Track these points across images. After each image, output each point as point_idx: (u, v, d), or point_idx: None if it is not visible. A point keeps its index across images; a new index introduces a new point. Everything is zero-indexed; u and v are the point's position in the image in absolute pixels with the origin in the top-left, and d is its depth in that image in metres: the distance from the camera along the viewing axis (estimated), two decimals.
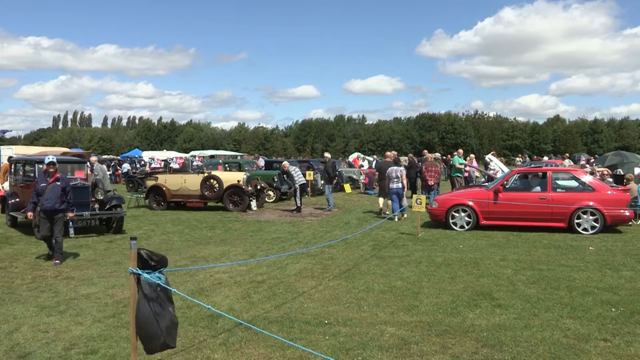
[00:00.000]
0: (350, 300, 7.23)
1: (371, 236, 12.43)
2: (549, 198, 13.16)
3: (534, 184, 14.07)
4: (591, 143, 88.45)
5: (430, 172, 17.86)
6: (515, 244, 11.52)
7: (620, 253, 10.59)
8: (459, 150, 21.28)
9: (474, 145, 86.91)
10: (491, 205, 13.38)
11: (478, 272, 8.83)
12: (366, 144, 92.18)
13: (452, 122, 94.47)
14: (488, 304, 7.05)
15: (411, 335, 5.85)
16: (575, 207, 12.98)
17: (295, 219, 15.70)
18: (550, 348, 5.50)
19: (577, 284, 8.11)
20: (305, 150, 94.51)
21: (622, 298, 7.33)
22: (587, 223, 12.94)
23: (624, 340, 5.73)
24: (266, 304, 7.10)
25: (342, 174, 26.27)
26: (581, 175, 14.13)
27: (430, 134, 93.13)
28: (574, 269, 9.09)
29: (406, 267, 9.19)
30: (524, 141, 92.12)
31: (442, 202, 13.93)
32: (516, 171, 14.90)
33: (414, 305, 6.98)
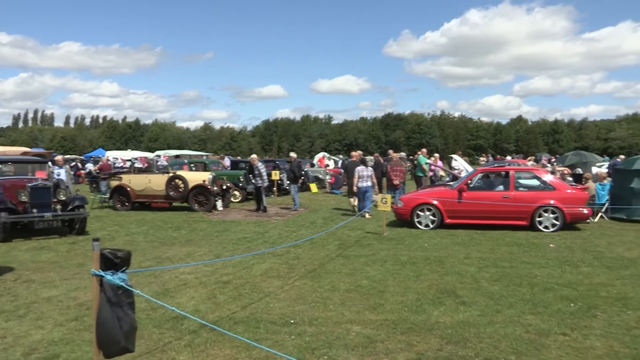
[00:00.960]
0: (316, 299, 7.24)
1: (337, 235, 12.46)
2: (512, 197, 13.40)
3: (497, 183, 14.31)
4: (552, 143, 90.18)
5: (395, 171, 17.99)
6: (479, 242, 11.69)
7: (579, 250, 10.85)
8: (423, 149, 21.46)
9: (439, 145, 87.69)
10: (455, 204, 13.55)
11: (442, 270, 8.93)
12: (332, 144, 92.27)
13: (417, 122, 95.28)
14: (452, 301, 7.15)
15: (377, 334, 5.89)
16: (536, 205, 13.24)
17: (261, 219, 15.65)
18: (513, 343, 5.61)
19: (538, 280, 8.28)
20: (272, 150, 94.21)
21: (580, 293, 7.52)
22: (548, 221, 13.22)
23: (581, 334, 5.89)
24: (232, 304, 7.06)
25: (308, 173, 26.29)
26: (542, 174, 14.42)
27: (396, 133, 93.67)
28: (536, 266, 9.28)
29: (372, 266, 9.24)
30: (488, 141, 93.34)
31: (407, 201, 14.04)
32: (480, 170, 15.12)
33: (379, 303, 7.03)
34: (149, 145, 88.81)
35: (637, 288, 7.85)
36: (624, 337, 5.83)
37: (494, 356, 5.29)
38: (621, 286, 7.96)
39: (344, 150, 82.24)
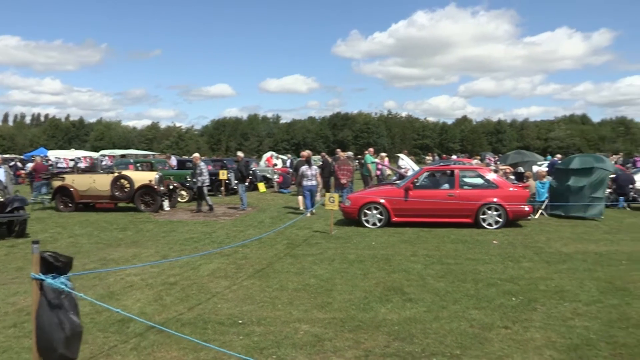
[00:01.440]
0: (264, 299, 7.24)
1: (285, 235, 12.47)
2: (457, 195, 13.70)
3: (443, 182, 14.60)
4: (495, 142, 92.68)
5: (342, 170, 18.11)
6: (425, 240, 11.90)
7: (521, 246, 11.20)
8: (370, 149, 21.68)
9: (387, 144, 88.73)
10: (402, 202, 13.75)
11: (390, 268, 9.06)
12: (280, 143, 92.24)
13: (365, 122, 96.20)
14: (399, 298, 7.26)
15: (325, 332, 5.94)
16: (480, 203, 13.59)
17: (208, 219, 15.50)
18: (457, 338, 5.76)
19: (482, 276, 8.51)
20: (220, 149, 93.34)
21: (521, 288, 7.78)
22: (492, 218, 13.59)
23: (522, 327, 6.11)
24: (179, 305, 6.98)
25: (256, 173, 26.19)
26: (486, 173, 14.80)
27: (343, 133, 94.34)
28: (480, 262, 9.53)
29: (320, 265, 9.30)
30: (434, 140, 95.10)
31: (354, 200, 14.17)
32: (425, 169, 15.39)
33: (327, 302, 7.09)
34: (95, 145, 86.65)
35: (573, 281, 8.18)
36: (560, 328, 6.09)
37: (439, 351, 5.42)
38: (559, 280, 8.28)
39: (292, 149, 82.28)
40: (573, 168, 16.40)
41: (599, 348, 5.50)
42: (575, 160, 17.09)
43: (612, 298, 7.30)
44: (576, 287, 7.84)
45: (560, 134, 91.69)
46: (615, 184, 18.45)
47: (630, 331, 6.01)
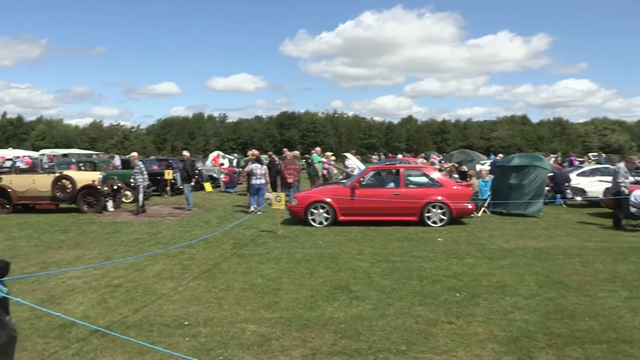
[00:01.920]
0: (211, 300, 7.20)
1: (232, 235, 12.40)
2: (402, 193, 13.91)
3: (388, 181, 14.80)
4: (440, 142, 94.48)
5: (289, 170, 18.12)
6: (371, 238, 12.04)
7: (464, 243, 11.48)
8: (317, 148, 21.77)
9: (333, 143, 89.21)
10: (348, 201, 13.87)
11: (336, 267, 9.14)
12: (227, 142, 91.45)
13: (312, 121, 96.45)
14: (346, 296, 7.34)
15: (272, 332, 5.95)
16: (425, 201, 13.84)
17: (154, 220, 15.25)
18: (403, 334, 5.87)
19: (427, 273, 8.68)
20: (165, 149, 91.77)
21: (465, 284, 7.98)
22: (436, 216, 13.86)
23: (465, 321, 6.29)
24: (123, 308, 6.86)
25: (202, 172, 25.90)
26: (430, 172, 15.09)
27: (290, 132, 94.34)
28: (425, 260, 9.72)
29: (266, 265, 9.30)
30: (380, 140, 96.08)
31: (301, 199, 14.21)
32: (371, 168, 15.56)
33: (274, 301, 7.10)
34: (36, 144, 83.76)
35: (514, 276, 8.45)
36: (501, 321, 6.29)
37: (386, 347, 5.51)
38: (500, 275, 8.53)
39: (239, 149, 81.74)
40: (513, 167, 16.90)
41: (536, 339, 5.72)
42: (516, 159, 17.61)
43: (550, 291, 7.59)
44: (516, 282, 8.10)
45: (502, 133, 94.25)
46: (552, 182, 19.12)
47: (565, 322, 6.28)
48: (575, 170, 22.60)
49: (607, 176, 18.18)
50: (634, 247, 11.08)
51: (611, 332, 5.97)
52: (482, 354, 5.35)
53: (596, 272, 8.77)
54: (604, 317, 6.48)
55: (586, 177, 20.76)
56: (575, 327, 6.13)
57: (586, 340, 5.71)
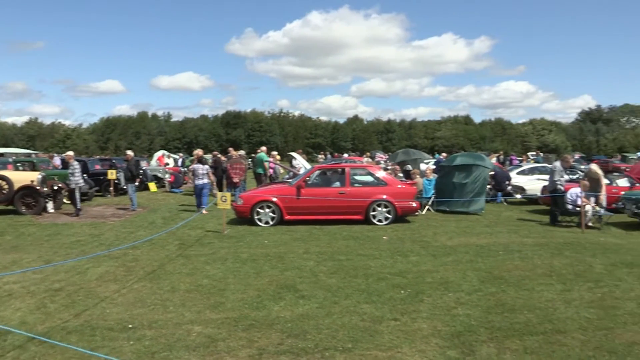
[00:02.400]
0: (156, 301, 7.09)
1: (177, 235, 12.24)
2: (348, 192, 14.02)
3: (334, 180, 14.89)
4: (385, 141, 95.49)
5: (235, 169, 18.02)
6: (317, 237, 12.10)
7: (409, 241, 11.67)
8: (263, 147, 21.70)
9: (279, 143, 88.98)
10: (294, 200, 13.89)
11: (282, 266, 9.14)
12: (172, 142, 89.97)
13: (258, 120, 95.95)
14: (292, 295, 7.36)
15: (218, 333, 5.91)
16: (370, 200, 14.00)
17: (96, 221, 14.88)
18: (349, 332, 5.92)
19: (372, 271, 8.79)
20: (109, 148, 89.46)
21: (409, 281, 8.12)
22: (382, 215, 14.04)
23: (410, 318, 6.40)
24: (64, 313, 6.67)
25: (147, 172, 25.45)
26: (376, 171, 15.27)
27: (236, 131, 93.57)
28: (370, 258, 9.83)
29: (212, 265, 9.22)
30: (326, 139, 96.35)
31: (246, 199, 14.14)
32: (317, 168, 15.63)
33: (220, 302, 7.05)
34: None
35: (456, 272, 8.65)
36: (445, 317, 6.43)
37: (332, 345, 5.55)
38: (444, 272, 8.72)
39: (184, 148, 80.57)
40: (457, 166, 17.28)
41: (478, 333, 5.88)
42: (459, 158, 18.01)
43: (491, 286, 7.81)
44: (459, 278, 8.29)
45: (446, 133, 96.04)
46: (494, 181, 19.64)
47: (505, 316, 6.48)
48: (515, 169, 23.28)
49: (545, 175, 18.81)
50: (569, 242, 11.52)
51: (547, 324, 6.21)
52: (427, 349, 5.46)
53: (534, 267, 9.08)
54: (541, 310, 6.73)
55: (525, 175, 21.44)
56: (515, 320, 6.33)
57: (525, 333, 5.92)
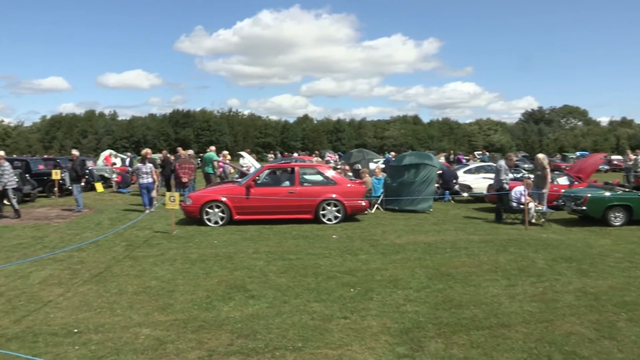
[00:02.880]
0: (102, 304, 6.94)
1: (124, 236, 12.00)
2: (297, 192, 14.04)
3: (284, 179, 14.90)
4: (335, 141, 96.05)
5: (184, 169, 17.80)
6: (267, 237, 12.07)
7: (358, 239, 11.77)
8: (211, 147, 21.50)
9: (229, 142, 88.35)
10: (244, 200, 13.82)
11: (232, 266, 9.09)
12: (119, 141, 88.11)
13: (207, 120, 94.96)
14: (242, 295, 7.33)
15: (167, 335, 5.84)
16: (320, 199, 14.05)
17: (40, 222, 14.43)
18: (299, 331, 5.95)
19: (322, 270, 8.83)
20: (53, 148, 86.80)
21: (359, 279, 8.20)
22: (331, 213, 14.12)
23: (359, 316, 6.47)
24: (4, 319, 6.45)
25: (93, 172, 24.86)
26: (325, 170, 15.33)
27: (185, 131, 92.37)
28: (320, 257, 9.87)
29: (161, 266, 9.09)
30: (276, 139, 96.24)
31: (195, 198, 13.99)
32: (267, 167, 15.59)
33: (169, 304, 6.96)
34: None
35: (405, 270, 8.78)
36: (394, 314, 6.53)
37: (282, 345, 5.56)
38: (393, 269, 8.84)
39: (132, 147, 79.03)
40: (405, 165, 17.52)
41: (427, 329, 6.00)
42: (407, 157, 18.27)
43: (439, 283, 7.96)
44: (408, 276, 8.42)
45: (395, 133, 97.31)
46: (441, 179, 20.00)
47: (453, 312, 6.63)
48: (462, 168, 23.77)
49: (491, 173, 19.28)
50: (513, 239, 11.85)
51: (492, 318, 6.39)
52: (376, 346, 5.53)
53: (480, 264, 9.31)
54: (487, 305, 6.92)
55: (472, 174, 21.90)
56: (462, 315, 6.48)
57: (471, 327, 6.07)
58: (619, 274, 8.66)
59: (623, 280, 8.25)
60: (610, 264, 9.37)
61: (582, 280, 8.23)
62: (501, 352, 5.39)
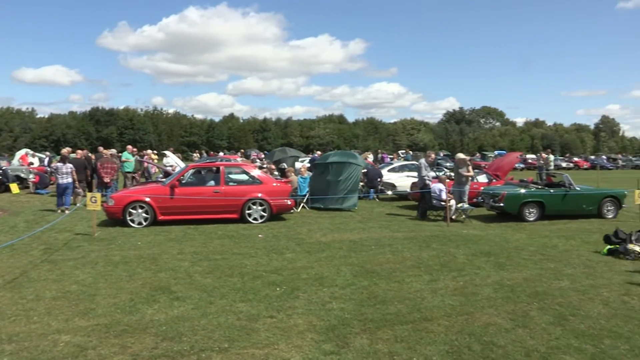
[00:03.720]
0: (18, 312, 6.63)
1: (42, 239, 11.53)
2: (222, 191, 13.94)
3: (209, 178, 14.76)
4: (261, 140, 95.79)
5: (105, 168, 17.32)
6: (192, 237, 11.92)
7: (284, 238, 11.82)
8: (128, 146, 20.99)
9: (153, 141, 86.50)
10: (168, 200, 13.58)
11: (156, 268, 8.93)
12: (38, 140, 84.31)
13: (130, 118, 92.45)
14: (167, 297, 7.21)
15: (88, 341, 5.66)
16: (246, 198, 14.00)
17: None
18: (226, 332, 5.92)
19: (248, 269, 8.82)
20: None
21: (285, 278, 8.24)
22: (257, 213, 14.09)
23: (286, 315, 6.51)
24: None
25: (7, 172, 23.72)
26: (250, 169, 15.29)
27: (108, 129, 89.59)
28: (246, 256, 9.85)
29: (81, 269, 8.80)
30: (201, 138, 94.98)
31: (118, 199, 13.62)
32: (191, 166, 15.40)
33: (90, 308, 6.75)
34: None
35: (331, 268, 8.90)
36: (320, 311, 6.61)
37: (208, 346, 5.51)
38: (318, 267, 8.94)
39: (51, 146, 75.85)
40: (330, 163, 17.70)
41: (352, 326, 6.10)
42: (332, 156, 18.46)
43: (363, 280, 8.12)
44: (334, 273, 8.54)
45: (321, 132, 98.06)
46: (366, 178, 20.33)
47: (377, 307, 6.78)
48: (386, 166, 24.23)
49: (414, 172, 19.76)
50: (436, 235, 12.22)
51: (416, 313, 6.58)
52: (303, 345, 5.58)
53: (404, 260, 9.55)
54: (410, 300, 7.11)
55: (396, 172, 22.36)
56: (386, 311, 6.64)
57: (395, 322, 6.23)
58: (533, 266, 9.12)
59: (536, 272, 8.69)
60: (525, 257, 9.84)
61: (500, 274, 8.60)
62: (424, 345, 5.56)
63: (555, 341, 5.69)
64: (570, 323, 6.26)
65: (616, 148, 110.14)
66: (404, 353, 5.38)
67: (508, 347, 5.54)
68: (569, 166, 58.78)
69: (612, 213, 15.24)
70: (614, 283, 8.07)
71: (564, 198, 14.80)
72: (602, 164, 58.99)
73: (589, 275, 8.56)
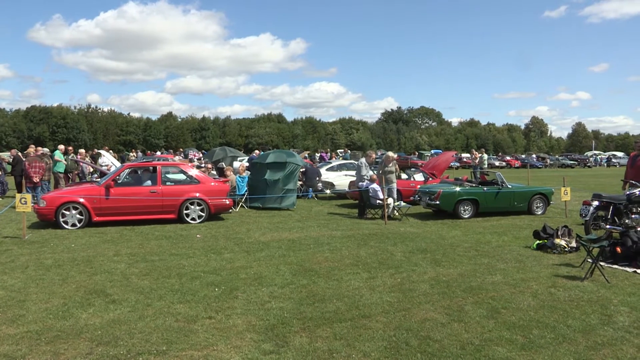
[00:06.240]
0: None
1: None
2: (159, 191, 13.71)
3: (145, 178, 14.50)
4: (200, 139, 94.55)
5: (34, 168, 16.70)
6: (129, 238, 11.67)
7: (223, 238, 11.73)
8: (60, 146, 20.35)
9: (88, 140, 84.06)
10: (103, 201, 13.25)
11: (91, 270, 8.70)
12: None
13: (64, 116, 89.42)
14: (102, 301, 7.04)
15: (17, 349, 5.45)
16: (183, 198, 13.82)
17: None
18: (163, 334, 5.82)
19: (186, 270, 8.71)
20: None
21: (223, 278, 8.19)
22: (195, 213, 13.94)
23: (225, 315, 6.47)
24: None
25: None
26: (188, 169, 15.10)
27: (40, 127, 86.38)
28: (184, 257, 9.73)
29: (10, 274, 8.46)
30: (138, 136, 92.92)
31: (50, 200, 13.18)
32: (127, 166, 15.07)
33: (20, 314, 6.50)
34: None
35: (270, 267, 8.90)
36: (259, 311, 6.60)
37: (145, 350, 5.41)
38: (257, 267, 8.92)
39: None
40: (269, 163, 17.68)
41: (291, 325, 6.12)
42: (271, 155, 18.44)
43: (302, 279, 8.16)
44: (273, 273, 8.54)
45: (260, 131, 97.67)
46: (304, 177, 20.41)
47: (316, 306, 6.82)
48: (325, 165, 24.39)
49: (352, 171, 19.99)
50: (374, 233, 12.40)
51: (354, 310, 6.66)
52: (242, 345, 5.56)
53: (342, 258, 9.65)
54: (349, 298, 7.19)
55: (334, 172, 22.56)
56: (325, 309, 6.69)
57: (334, 320, 6.28)
58: (467, 262, 9.38)
59: (470, 268, 8.95)
60: (460, 253, 10.12)
61: (436, 270, 8.81)
62: (363, 342, 5.64)
63: (489, 333, 5.89)
64: (502, 315, 6.49)
65: (545, 147, 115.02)
66: (343, 350, 5.44)
67: (444, 341, 5.69)
68: (501, 165, 60.85)
69: (541, 209, 15.86)
70: (542, 276, 8.41)
71: (496, 196, 15.30)
72: (532, 163, 61.40)
73: (519, 269, 8.88)
